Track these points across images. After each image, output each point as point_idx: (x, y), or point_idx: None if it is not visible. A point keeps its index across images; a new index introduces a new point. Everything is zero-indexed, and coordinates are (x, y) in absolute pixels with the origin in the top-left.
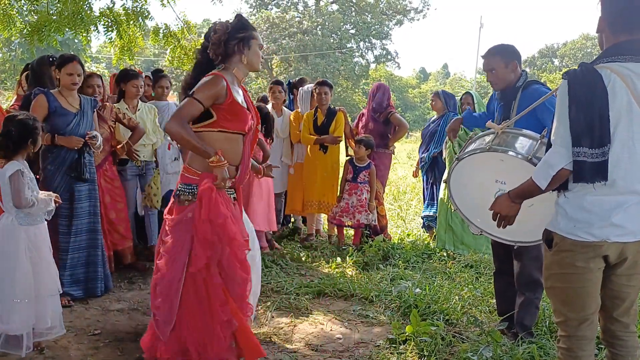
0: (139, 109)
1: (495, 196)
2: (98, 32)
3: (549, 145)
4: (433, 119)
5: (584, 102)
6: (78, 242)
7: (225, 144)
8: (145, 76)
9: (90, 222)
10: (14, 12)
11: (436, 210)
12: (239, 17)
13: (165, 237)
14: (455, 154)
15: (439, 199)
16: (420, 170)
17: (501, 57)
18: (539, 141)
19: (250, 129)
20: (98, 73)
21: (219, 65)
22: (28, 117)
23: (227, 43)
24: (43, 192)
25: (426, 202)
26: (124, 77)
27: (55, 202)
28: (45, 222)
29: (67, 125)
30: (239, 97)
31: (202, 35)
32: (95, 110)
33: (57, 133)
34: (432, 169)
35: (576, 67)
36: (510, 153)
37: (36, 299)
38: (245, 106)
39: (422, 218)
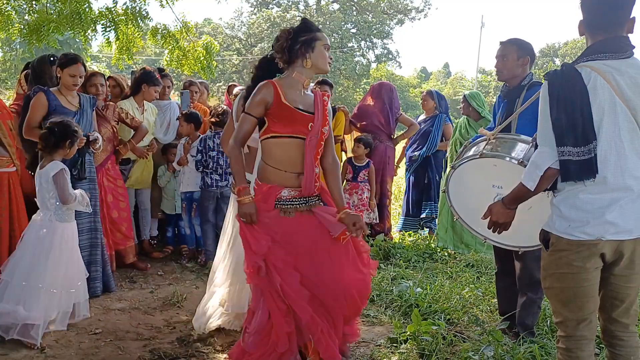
0: (145, 109)
1: (494, 201)
2: (96, 32)
3: (536, 147)
4: (424, 118)
5: (564, 101)
6: (80, 242)
7: (279, 150)
8: None
9: (90, 222)
10: (12, 12)
11: (430, 212)
12: (304, 20)
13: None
14: (456, 152)
15: (440, 199)
16: (398, 168)
17: (518, 47)
18: (531, 144)
19: (315, 132)
20: (102, 72)
21: (284, 71)
22: (71, 122)
23: (290, 48)
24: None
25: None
26: (150, 80)
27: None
28: (75, 222)
29: None
30: (297, 100)
31: (202, 35)
32: (94, 109)
33: None
34: (424, 169)
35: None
36: (505, 158)
37: (58, 292)
38: (303, 109)
39: (420, 220)
